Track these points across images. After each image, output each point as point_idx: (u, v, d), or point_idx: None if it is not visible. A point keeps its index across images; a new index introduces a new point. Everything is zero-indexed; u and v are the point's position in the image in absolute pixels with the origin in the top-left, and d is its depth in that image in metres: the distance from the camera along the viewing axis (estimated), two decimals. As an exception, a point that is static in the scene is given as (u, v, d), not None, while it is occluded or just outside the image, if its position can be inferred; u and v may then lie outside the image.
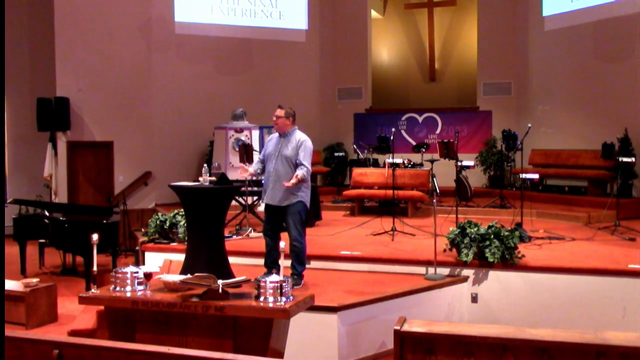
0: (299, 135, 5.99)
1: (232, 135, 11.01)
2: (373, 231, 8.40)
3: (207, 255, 4.84)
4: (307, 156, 5.90)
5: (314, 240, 7.87)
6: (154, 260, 7.42)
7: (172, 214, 7.85)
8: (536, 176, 10.18)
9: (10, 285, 6.69)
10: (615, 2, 11.03)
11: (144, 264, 7.28)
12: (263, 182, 6.15)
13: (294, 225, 5.90)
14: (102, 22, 11.48)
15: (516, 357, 4.00)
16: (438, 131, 13.63)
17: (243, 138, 10.88)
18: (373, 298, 5.76)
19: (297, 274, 6.00)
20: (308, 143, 5.94)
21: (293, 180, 5.72)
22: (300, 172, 5.78)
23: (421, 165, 10.97)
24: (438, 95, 14.75)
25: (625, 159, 8.92)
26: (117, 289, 4.49)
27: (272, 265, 6.01)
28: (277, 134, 6.06)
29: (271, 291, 4.22)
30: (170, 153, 12.19)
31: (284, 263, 4.37)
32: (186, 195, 4.98)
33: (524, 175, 9.51)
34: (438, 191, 6.75)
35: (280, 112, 5.96)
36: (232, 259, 5.41)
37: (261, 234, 8.38)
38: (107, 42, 11.53)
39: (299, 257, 6.00)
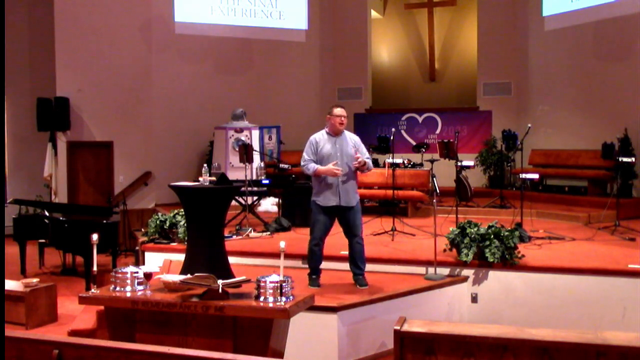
0: (351, 135, 6.11)
1: (232, 135, 11.02)
2: (373, 231, 8.39)
3: (207, 255, 4.84)
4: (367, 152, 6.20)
5: (314, 240, 7.87)
6: (154, 260, 7.42)
7: (172, 214, 7.85)
8: (536, 176, 10.18)
9: (10, 285, 6.69)
10: (615, 2, 11.03)
11: (144, 264, 7.27)
12: (314, 183, 6.02)
13: (359, 223, 6.03)
14: (102, 22, 11.49)
15: (516, 357, 4.00)
16: (438, 131, 13.63)
17: (243, 138, 10.88)
18: (373, 298, 5.75)
19: (362, 274, 6.09)
20: (361, 144, 6.16)
21: (363, 162, 5.87)
22: (370, 164, 6.02)
23: (421, 165, 10.96)
24: (438, 95, 14.75)
25: (625, 159, 8.91)
26: (117, 289, 4.49)
27: (319, 268, 6.17)
28: (324, 134, 6.02)
29: (271, 291, 4.22)
30: (170, 153, 12.19)
31: (283, 263, 4.36)
32: (186, 195, 4.97)
33: (524, 175, 9.51)
34: (438, 191, 6.74)
35: (345, 112, 6.01)
36: (232, 259, 5.41)
37: (260, 234, 8.47)
38: (107, 42, 11.54)
39: (363, 255, 6.11)
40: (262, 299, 4.24)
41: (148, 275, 4.68)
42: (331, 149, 5.92)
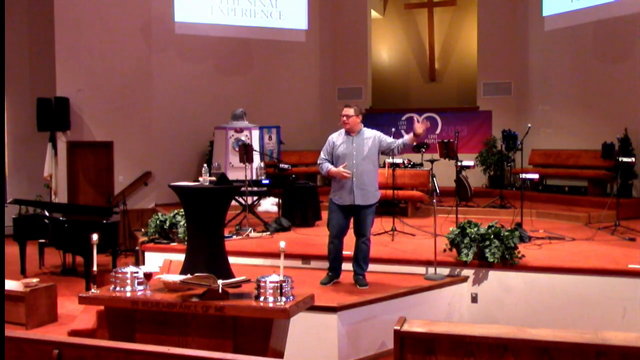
0: (370, 132, 6.01)
1: (232, 135, 11.02)
2: (373, 231, 8.36)
3: (207, 255, 4.83)
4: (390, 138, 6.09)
5: (313, 241, 7.88)
6: (154, 260, 7.42)
7: (172, 214, 7.85)
8: (536, 176, 10.18)
9: (10, 285, 6.69)
10: (615, 2, 11.03)
11: (144, 264, 7.28)
12: (333, 183, 6.06)
13: (369, 224, 6.04)
14: (102, 22, 11.48)
15: (516, 357, 4.00)
16: (438, 131, 13.63)
17: (243, 138, 10.88)
18: (373, 298, 5.75)
19: (362, 274, 6.12)
20: (382, 134, 6.06)
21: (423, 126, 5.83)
22: (398, 142, 5.94)
23: (421, 165, 10.97)
24: (438, 95, 14.74)
25: (625, 159, 8.91)
26: (117, 289, 4.49)
27: (339, 267, 6.20)
28: (342, 134, 6.00)
29: (271, 291, 4.22)
30: (170, 153, 12.19)
31: (283, 263, 4.36)
32: (186, 195, 4.97)
33: (524, 175, 9.51)
34: (438, 191, 6.74)
35: (349, 111, 5.90)
36: (232, 259, 5.40)
37: (261, 234, 8.47)
38: (107, 42, 11.53)
39: (367, 256, 6.14)
40: (262, 299, 4.24)
41: (148, 275, 4.68)
42: (346, 149, 5.92)
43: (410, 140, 5.93)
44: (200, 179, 5.09)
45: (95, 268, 4.66)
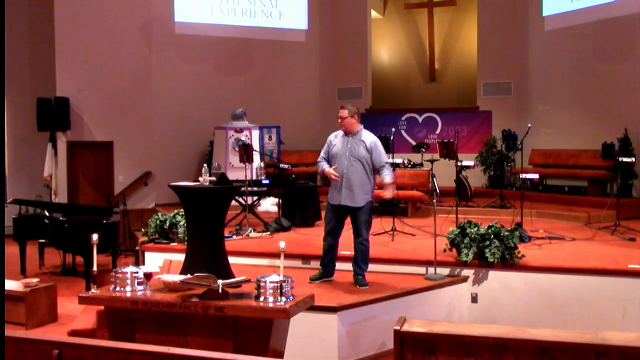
0: (367, 135, 6.04)
1: (232, 135, 11.02)
2: (373, 231, 8.32)
3: (207, 255, 4.84)
4: (384, 155, 6.06)
5: (313, 241, 7.87)
6: (154, 260, 7.42)
7: (172, 214, 7.85)
8: (536, 176, 10.18)
9: (10, 285, 6.69)
10: (615, 2, 11.03)
11: (144, 264, 7.28)
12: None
13: (365, 224, 6.05)
14: (102, 22, 11.48)
15: (516, 357, 4.00)
16: (438, 131, 13.63)
17: (243, 138, 10.88)
18: (373, 298, 5.76)
19: (362, 275, 6.14)
20: (379, 143, 6.05)
21: (391, 190, 5.98)
22: (389, 176, 5.99)
23: (421, 165, 10.96)
24: (438, 95, 14.74)
25: (625, 159, 8.91)
26: (117, 289, 4.49)
27: (330, 265, 6.25)
28: (340, 134, 6.07)
29: (271, 291, 4.22)
30: (170, 153, 12.19)
31: (283, 263, 4.37)
32: (186, 195, 4.97)
33: (524, 175, 9.51)
34: (438, 191, 6.74)
35: (343, 113, 5.98)
36: (232, 259, 5.40)
37: (261, 234, 8.47)
38: (107, 42, 11.54)
39: (365, 257, 6.16)
40: (262, 299, 4.24)
41: (148, 275, 4.68)
42: (340, 149, 5.98)
43: (384, 186, 6.11)
44: (200, 179, 5.09)
45: (95, 268, 4.66)
